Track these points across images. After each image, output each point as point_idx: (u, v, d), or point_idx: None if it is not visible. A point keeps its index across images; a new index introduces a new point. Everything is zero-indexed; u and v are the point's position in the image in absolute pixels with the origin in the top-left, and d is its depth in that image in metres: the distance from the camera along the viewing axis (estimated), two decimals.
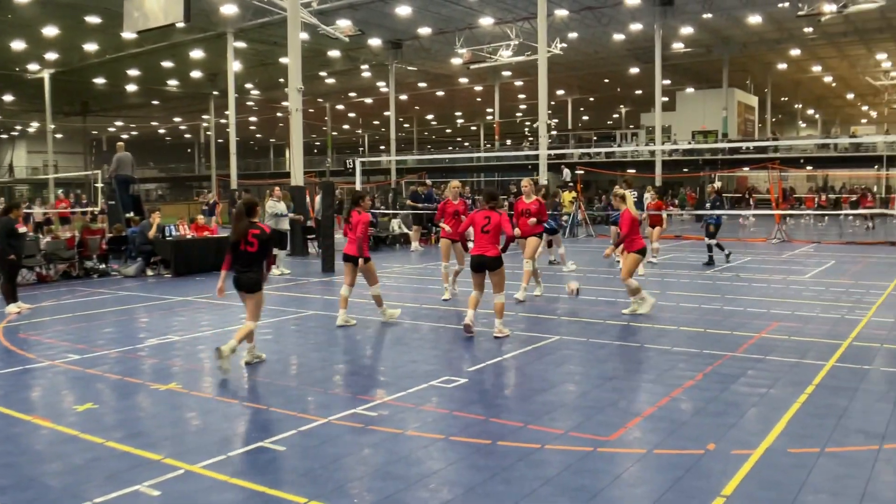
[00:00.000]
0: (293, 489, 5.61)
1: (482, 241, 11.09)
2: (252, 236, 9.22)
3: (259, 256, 9.31)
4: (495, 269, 11.05)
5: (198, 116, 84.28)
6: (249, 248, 9.24)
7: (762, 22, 47.38)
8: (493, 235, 11.06)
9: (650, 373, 8.87)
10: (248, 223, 9.28)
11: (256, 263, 9.31)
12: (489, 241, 11.04)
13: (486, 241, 11.05)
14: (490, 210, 11.24)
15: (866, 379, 8.47)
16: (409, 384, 8.45)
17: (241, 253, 9.25)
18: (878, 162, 51.86)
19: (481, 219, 11.17)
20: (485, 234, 11.06)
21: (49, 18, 43.48)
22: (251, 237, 9.22)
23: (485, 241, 11.06)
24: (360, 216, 11.98)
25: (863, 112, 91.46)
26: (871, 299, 14.14)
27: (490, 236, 11.04)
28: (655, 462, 6.13)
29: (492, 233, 11.05)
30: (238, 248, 9.25)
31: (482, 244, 11.09)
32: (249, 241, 9.22)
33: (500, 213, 11.31)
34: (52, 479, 5.91)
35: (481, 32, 49.42)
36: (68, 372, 9.34)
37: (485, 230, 11.08)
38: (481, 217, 11.19)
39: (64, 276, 19.05)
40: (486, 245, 11.05)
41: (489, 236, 11.04)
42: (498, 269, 11.03)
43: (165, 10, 22.77)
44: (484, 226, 11.10)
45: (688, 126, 60.49)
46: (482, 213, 11.27)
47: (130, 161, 23.37)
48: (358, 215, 11.94)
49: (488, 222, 11.07)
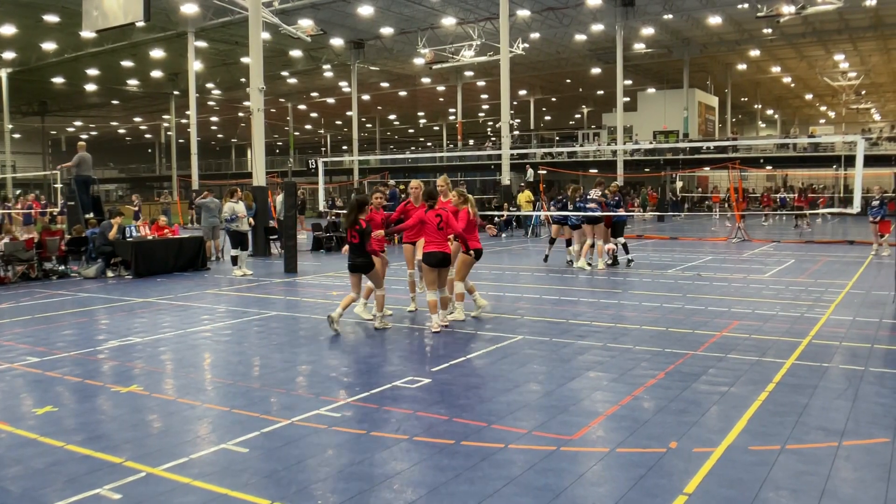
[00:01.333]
0: (256, 491, 5.58)
1: (439, 238, 11.43)
2: (355, 230, 11.33)
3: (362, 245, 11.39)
4: (448, 265, 11.74)
5: (158, 116, 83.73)
6: (353, 240, 11.38)
7: (722, 23, 47.93)
8: (448, 232, 11.52)
9: (613, 372, 8.91)
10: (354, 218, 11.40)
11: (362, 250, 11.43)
12: (445, 238, 11.49)
13: (442, 238, 11.45)
14: (436, 209, 11.58)
15: (826, 377, 8.57)
16: (373, 385, 8.43)
17: (350, 244, 11.52)
18: (836, 161, 52.61)
19: (433, 217, 11.44)
20: (440, 230, 11.39)
21: (6, 17, 42.98)
22: (355, 230, 11.34)
23: (441, 238, 11.43)
24: (374, 213, 12.21)
25: (821, 112, 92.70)
26: (829, 298, 14.31)
27: (445, 233, 11.46)
28: (618, 461, 6.15)
29: (445, 230, 11.43)
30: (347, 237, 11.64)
31: (439, 241, 11.43)
32: (353, 233, 11.35)
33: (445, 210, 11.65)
34: (11, 483, 5.83)
35: (444, 32, 49.52)
36: (27, 375, 9.23)
37: (440, 227, 11.39)
38: (433, 216, 11.46)
39: (22, 277, 18.78)
40: (442, 241, 11.46)
41: (444, 233, 11.44)
42: (449, 265, 11.73)
43: (125, 9, 22.58)
44: (438, 223, 11.39)
45: (649, 126, 60.96)
46: (432, 212, 11.52)
47: (90, 162, 23.12)
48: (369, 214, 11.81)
49: (441, 220, 11.39)
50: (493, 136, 79.39)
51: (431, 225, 11.39)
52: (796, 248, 25.43)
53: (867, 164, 23.22)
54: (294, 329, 12.10)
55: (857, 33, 51.16)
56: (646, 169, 56.22)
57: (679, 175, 55.14)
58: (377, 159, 72.82)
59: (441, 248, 11.40)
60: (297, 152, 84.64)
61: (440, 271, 11.53)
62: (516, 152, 47.25)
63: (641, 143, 58.43)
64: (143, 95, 71.33)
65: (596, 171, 56.85)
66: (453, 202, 12.05)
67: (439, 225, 11.34)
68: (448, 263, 11.61)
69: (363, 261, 11.38)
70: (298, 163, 71.80)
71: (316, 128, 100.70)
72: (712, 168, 53.71)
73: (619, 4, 45.32)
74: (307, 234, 31.96)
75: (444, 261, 11.46)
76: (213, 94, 71.67)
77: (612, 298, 14.76)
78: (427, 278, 11.49)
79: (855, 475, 5.83)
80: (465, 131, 76.30)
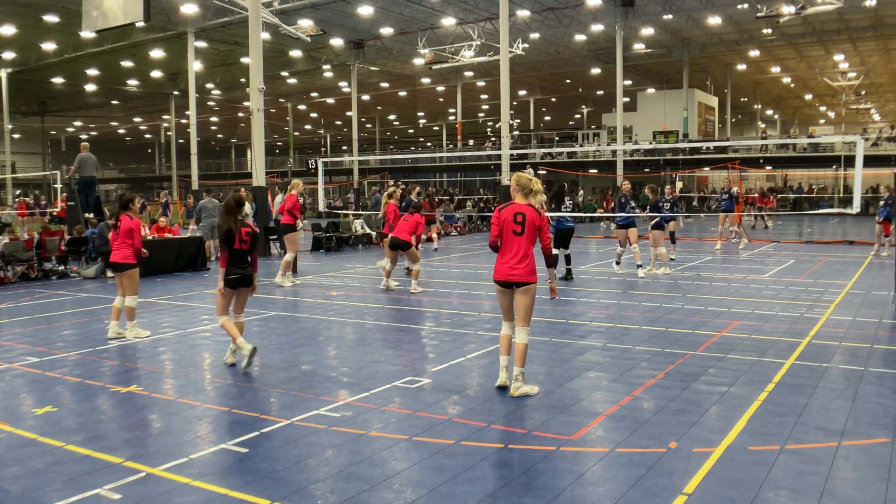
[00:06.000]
0: (256, 491, 5.58)
1: (401, 227, 16.21)
2: (245, 234, 9.52)
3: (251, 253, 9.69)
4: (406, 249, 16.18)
5: (158, 116, 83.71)
6: (244, 247, 9.52)
7: (722, 23, 47.89)
8: (409, 225, 16.19)
9: (612, 372, 8.91)
10: (235, 219, 9.52)
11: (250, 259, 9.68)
12: (403, 229, 16.14)
13: (403, 228, 16.18)
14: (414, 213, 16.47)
15: (825, 377, 8.57)
16: (373, 385, 8.44)
17: (237, 251, 9.50)
18: (836, 162, 52.58)
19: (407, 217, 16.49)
20: (406, 222, 16.30)
21: (5, 17, 42.94)
22: (245, 235, 9.51)
23: (402, 228, 16.18)
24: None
25: (821, 112, 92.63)
26: (829, 298, 14.32)
27: (408, 224, 16.21)
28: (618, 460, 6.16)
29: (409, 223, 16.27)
30: (233, 246, 9.48)
31: (400, 229, 16.18)
32: (243, 238, 9.49)
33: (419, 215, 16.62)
34: (11, 483, 5.83)
35: (443, 33, 49.49)
36: (27, 375, 9.23)
37: (405, 220, 16.36)
38: (408, 217, 16.43)
39: (22, 277, 18.79)
40: (401, 230, 16.15)
41: (408, 224, 16.25)
42: (408, 249, 16.10)
43: (125, 9, 22.55)
44: (405, 219, 16.40)
45: (649, 126, 60.89)
46: (409, 215, 16.43)
47: (94, 162, 23.11)
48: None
49: (407, 221, 16.33)
50: (492, 137, 79.38)
51: (399, 220, 16.60)
52: (796, 248, 25.44)
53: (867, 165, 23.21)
54: (294, 329, 12.11)
55: (856, 33, 51.12)
56: (645, 169, 56.18)
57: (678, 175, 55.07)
58: (377, 159, 72.80)
59: (397, 235, 16.13)
60: (296, 152, 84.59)
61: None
62: (516, 152, 47.16)
63: (641, 143, 58.40)
64: (143, 95, 71.28)
65: (596, 171, 56.90)
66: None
67: (404, 218, 16.45)
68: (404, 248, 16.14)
69: (249, 273, 9.65)
70: (298, 163, 71.79)
71: (316, 128, 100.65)
72: (712, 168, 53.66)
73: (618, 4, 45.29)
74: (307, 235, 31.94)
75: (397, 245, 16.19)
76: (213, 94, 71.60)
77: (611, 298, 14.76)
78: (390, 255, 16.60)
79: (854, 475, 5.83)
80: (465, 131, 76.29)
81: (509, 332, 8.25)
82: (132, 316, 11.53)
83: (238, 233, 9.43)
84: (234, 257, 9.44)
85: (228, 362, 9.60)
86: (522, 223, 7.96)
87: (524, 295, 7.98)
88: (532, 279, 7.96)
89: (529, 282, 7.95)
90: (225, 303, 9.60)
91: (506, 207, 8.09)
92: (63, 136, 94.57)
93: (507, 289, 8.08)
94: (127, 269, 11.50)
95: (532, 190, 8.16)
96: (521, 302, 8.02)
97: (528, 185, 8.15)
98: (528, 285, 7.96)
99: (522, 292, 7.98)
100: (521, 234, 7.96)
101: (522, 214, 7.97)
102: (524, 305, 8.01)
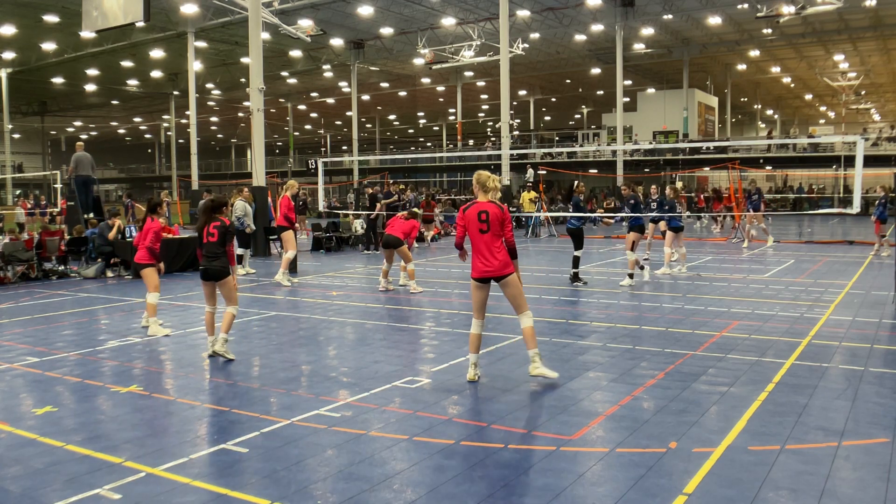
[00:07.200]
0: (256, 491, 5.58)
1: (397, 226, 16.35)
2: (213, 227, 9.92)
3: (220, 245, 9.94)
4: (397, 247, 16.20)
5: (158, 116, 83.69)
6: (211, 239, 9.89)
7: (722, 23, 47.88)
8: (406, 226, 16.53)
9: (612, 372, 8.91)
10: (209, 217, 10.04)
11: (221, 251, 9.94)
12: (398, 228, 16.33)
13: (398, 227, 16.31)
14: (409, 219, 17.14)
15: (825, 377, 8.57)
16: (373, 385, 8.44)
17: (206, 244, 9.95)
18: (836, 162, 52.57)
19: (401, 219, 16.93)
20: (405, 221, 16.76)
21: (5, 17, 42.92)
22: (212, 228, 9.92)
23: (398, 227, 16.32)
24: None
25: (821, 112, 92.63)
26: (829, 298, 14.32)
27: (405, 225, 16.55)
28: (618, 460, 6.16)
29: (406, 224, 16.66)
30: (201, 239, 10.02)
31: (395, 228, 16.35)
32: (211, 231, 9.91)
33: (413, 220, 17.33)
34: (11, 483, 5.83)
35: (443, 33, 49.48)
36: (27, 374, 9.23)
37: (403, 220, 16.85)
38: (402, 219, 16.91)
39: (22, 277, 18.80)
40: (396, 228, 16.37)
41: (405, 225, 16.59)
42: (400, 246, 16.11)
43: (125, 9, 22.58)
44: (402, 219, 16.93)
45: (649, 126, 60.87)
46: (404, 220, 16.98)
47: (90, 161, 23.12)
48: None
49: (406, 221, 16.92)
50: (492, 137, 79.33)
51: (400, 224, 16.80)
52: (796, 248, 25.44)
53: (867, 165, 23.24)
54: (294, 329, 12.11)
55: (856, 33, 51.11)
56: (645, 169, 56.17)
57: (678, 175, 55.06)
58: (377, 159, 72.78)
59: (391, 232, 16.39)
60: (296, 152, 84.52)
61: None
62: (516, 152, 47.21)
63: (641, 143, 58.37)
64: (143, 95, 71.24)
65: (596, 171, 56.88)
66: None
67: (404, 218, 17.01)
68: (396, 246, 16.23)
69: (220, 265, 9.88)
70: (298, 163, 71.77)
71: (316, 128, 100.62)
72: (712, 168, 53.64)
73: (618, 4, 45.27)
74: (307, 234, 31.97)
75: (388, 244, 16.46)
76: (213, 94, 71.58)
77: (612, 298, 14.76)
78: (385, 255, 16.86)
79: (854, 475, 5.83)
80: (465, 131, 76.27)
81: (479, 331, 8.63)
82: (152, 312, 11.85)
83: (207, 226, 9.93)
84: (205, 251, 9.92)
85: (208, 353, 10.08)
86: (486, 220, 8.31)
87: (508, 287, 8.40)
88: (508, 270, 8.32)
89: (505, 273, 8.30)
90: (205, 293, 10.15)
91: (469, 207, 8.46)
92: (63, 136, 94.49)
93: (485, 284, 8.45)
94: (141, 268, 11.98)
95: (488, 187, 8.49)
96: (508, 293, 8.46)
97: (485, 183, 8.51)
98: (506, 277, 8.32)
99: (504, 285, 8.40)
100: (487, 231, 8.32)
101: (486, 212, 8.33)
102: (513, 295, 8.43)
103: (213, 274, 9.86)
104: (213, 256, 9.83)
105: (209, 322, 10.13)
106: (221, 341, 9.80)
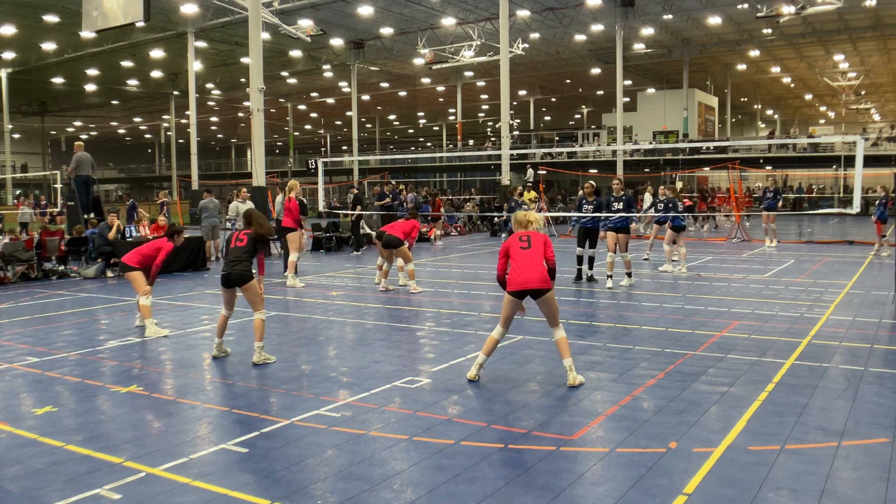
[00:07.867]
0: (256, 491, 5.59)
1: (397, 227, 16.29)
2: (244, 233, 9.89)
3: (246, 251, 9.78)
4: (397, 247, 16.07)
5: (158, 116, 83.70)
6: (239, 244, 9.77)
7: (722, 23, 47.88)
8: (406, 226, 16.34)
9: (612, 372, 8.91)
10: (245, 224, 10.11)
11: (245, 257, 9.77)
12: (398, 228, 16.19)
13: (398, 227, 16.21)
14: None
15: (825, 377, 8.57)
16: (372, 385, 8.44)
17: (232, 249, 9.84)
18: (836, 162, 52.58)
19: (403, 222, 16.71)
20: (406, 221, 16.63)
21: (5, 17, 42.92)
22: (242, 234, 9.88)
23: (397, 227, 16.23)
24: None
25: (821, 112, 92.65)
26: (829, 298, 14.31)
27: (405, 225, 16.38)
28: (618, 460, 6.16)
29: (406, 224, 16.46)
30: (229, 245, 10.00)
31: (395, 228, 16.24)
32: (240, 237, 9.85)
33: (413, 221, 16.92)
34: (11, 483, 5.83)
35: (443, 33, 49.49)
36: (27, 374, 9.23)
37: (404, 220, 16.73)
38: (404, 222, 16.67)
39: (22, 277, 18.79)
40: (396, 229, 16.20)
41: (401, 224, 16.41)
42: (399, 247, 16.00)
43: (125, 9, 22.57)
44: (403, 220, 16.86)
45: (649, 126, 60.87)
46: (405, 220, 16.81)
47: (90, 161, 23.11)
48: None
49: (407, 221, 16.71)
50: (492, 137, 79.36)
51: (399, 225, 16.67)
52: (796, 248, 25.43)
53: (867, 164, 23.25)
54: (294, 329, 12.11)
55: (856, 33, 51.11)
56: (645, 169, 56.18)
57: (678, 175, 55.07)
58: (377, 159, 72.79)
59: (390, 231, 16.28)
60: (296, 152, 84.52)
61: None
62: (516, 152, 47.23)
63: (641, 143, 58.37)
64: (143, 95, 71.24)
65: (596, 171, 56.86)
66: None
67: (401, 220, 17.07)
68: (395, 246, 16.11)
69: (242, 269, 9.68)
70: (298, 163, 71.76)
71: (316, 128, 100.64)
72: (712, 168, 53.65)
73: (618, 4, 45.26)
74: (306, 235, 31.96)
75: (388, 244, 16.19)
76: (213, 94, 71.59)
77: (612, 299, 14.76)
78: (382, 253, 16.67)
79: (854, 475, 5.84)
80: (465, 131, 76.24)
81: (499, 337, 8.62)
82: (147, 314, 11.80)
83: (238, 232, 9.96)
84: (230, 255, 9.80)
85: (213, 355, 10.05)
86: (528, 240, 8.46)
87: (545, 304, 8.43)
88: (547, 285, 8.32)
89: (545, 288, 8.31)
90: (223, 298, 10.00)
91: (510, 237, 8.66)
92: (63, 136, 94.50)
93: (520, 299, 8.41)
94: (127, 269, 12.04)
95: (529, 221, 8.74)
96: (545, 310, 8.52)
97: (524, 220, 8.76)
98: (546, 293, 8.33)
99: (542, 302, 8.41)
100: (528, 248, 8.40)
101: (527, 236, 8.50)
102: (549, 312, 8.52)
103: (235, 278, 9.60)
104: (235, 261, 9.64)
105: (221, 324, 10.00)
106: (258, 351, 9.62)
